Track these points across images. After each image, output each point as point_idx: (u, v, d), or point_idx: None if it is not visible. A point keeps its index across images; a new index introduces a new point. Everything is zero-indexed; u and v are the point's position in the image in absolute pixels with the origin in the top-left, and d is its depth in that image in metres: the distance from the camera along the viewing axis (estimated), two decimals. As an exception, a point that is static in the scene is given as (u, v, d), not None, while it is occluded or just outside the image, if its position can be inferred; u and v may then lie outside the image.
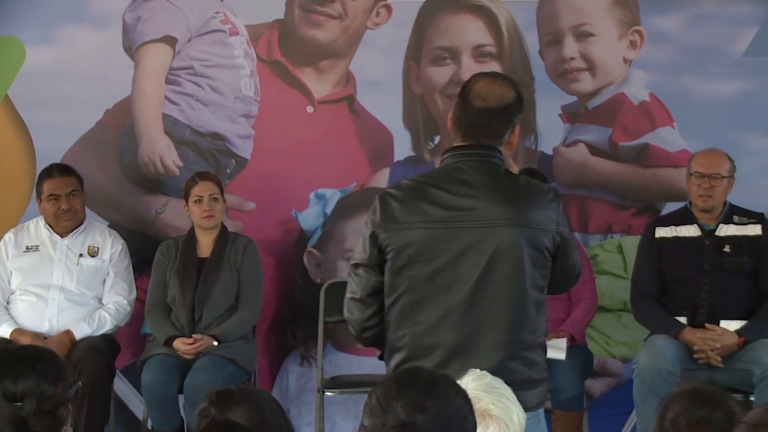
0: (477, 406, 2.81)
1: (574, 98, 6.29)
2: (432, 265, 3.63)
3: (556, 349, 5.69)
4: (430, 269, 3.63)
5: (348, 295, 3.77)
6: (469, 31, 6.31)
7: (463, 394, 2.47)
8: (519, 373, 3.60)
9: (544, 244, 3.65)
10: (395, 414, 2.35)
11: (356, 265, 3.74)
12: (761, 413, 2.53)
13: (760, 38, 6.08)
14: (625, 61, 6.23)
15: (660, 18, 6.22)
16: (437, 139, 6.38)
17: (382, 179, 6.38)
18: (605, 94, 6.25)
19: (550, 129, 6.31)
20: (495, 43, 6.30)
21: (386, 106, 6.35)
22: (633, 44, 6.22)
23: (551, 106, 6.29)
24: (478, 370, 3.02)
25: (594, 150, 6.29)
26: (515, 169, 3.94)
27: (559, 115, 6.30)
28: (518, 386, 3.25)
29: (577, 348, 5.78)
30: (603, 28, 6.23)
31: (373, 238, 3.68)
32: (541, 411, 3.72)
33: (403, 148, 6.39)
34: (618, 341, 6.30)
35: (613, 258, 6.29)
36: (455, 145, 3.73)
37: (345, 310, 3.79)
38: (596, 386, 6.29)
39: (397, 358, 3.68)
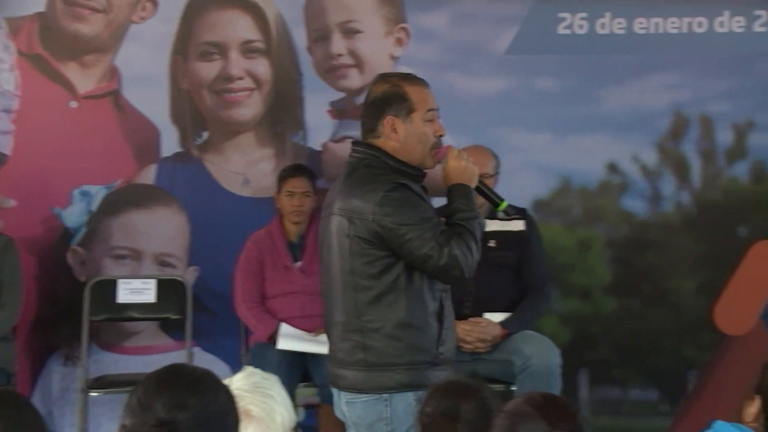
0: (239, 404, 2.81)
1: (342, 94, 6.32)
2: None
3: (324, 344, 5.68)
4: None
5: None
6: (237, 27, 6.28)
7: (226, 391, 2.44)
8: (348, 353, 3.90)
9: (361, 233, 3.84)
10: (155, 412, 2.31)
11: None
12: (520, 403, 2.58)
13: (520, 37, 6.23)
14: (392, 58, 6.29)
15: (425, 16, 6.31)
16: (205, 134, 6.34)
17: (148, 175, 6.30)
18: (372, 91, 6.30)
19: (318, 125, 6.33)
20: (263, 38, 6.29)
21: (153, 102, 6.27)
22: (399, 41, 6.29)
23: (319, 102, 6.31)
24: (250, 367, 3.00)
25: (362, 146, 6.33)
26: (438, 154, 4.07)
27: (328, 111, 6.33)
28: (345, 366, 3.88)
29: (346, 342, 5.81)
30: (370, 25, 6.28)
31: None
32: (391, 395, 3.86)
33: (170, 143, 6.31)
34: (386, 335, 6.37)
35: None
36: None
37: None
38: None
39: None
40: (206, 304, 6.29)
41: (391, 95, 3.94)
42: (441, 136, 4.05)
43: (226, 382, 2.77)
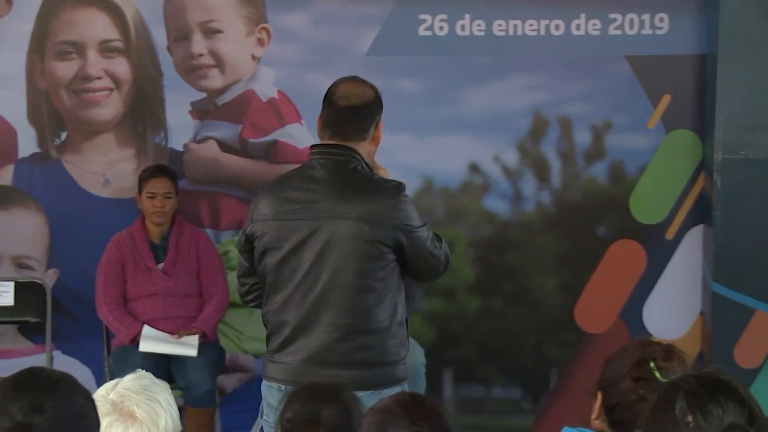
0: (122, 405, 2.79)
1: (203, 94, 6.28)
2: (280, 253, 4.08)
3: (188, 346, 5.68)
4: (279, 256, 4.08)
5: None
6: (95, 26, 6.20)
7: (85, 393, 2.42)
8: (351, 354, 4.05)
9: (378, 238, 4.02)
10: (12, 416, 2.28)
11: (239, 251, 4.24)
12: (389, 402, 2.62)
13: (381, 38, 6.26)
14: (253, 58, 6.27)
15: (286, 16, 6.30)
16: (63, 135, 6.25)
17: (5, 176, 6.20)
18: (234, 91, 6.27)
19: (179, 125, 6.28)
20: (122, 38, 6.22)
21: (9, 102, 6.16)
22: (260, 41, 6.27)
23: (181, 102, 6.26)
24: (142, 370, 2.97)
25: (224, 146, 6.30)
26: (378, 167, 4.26)
27: (189, 111, 6.28)
28: (342, 366, 4.01)
29: (209, 344, 5.79)
30: (230, 25, 6.25)
31: (245, 228, 4.18)
32: (386, 390, 3.96)
33: (27, 144, 6.22)
34: (250, 336, 6.35)
35: (244, 254, 6.33)
36: (315, 143, 4.18)
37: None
38: (228, 382, 6.31)
39: (266, 333, 4.25)
40: (67, 307, 6.21)
41: (379, 100, 4.18)
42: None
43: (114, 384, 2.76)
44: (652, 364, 2.97)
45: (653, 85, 6.31)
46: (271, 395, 4.19)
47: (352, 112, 4.11)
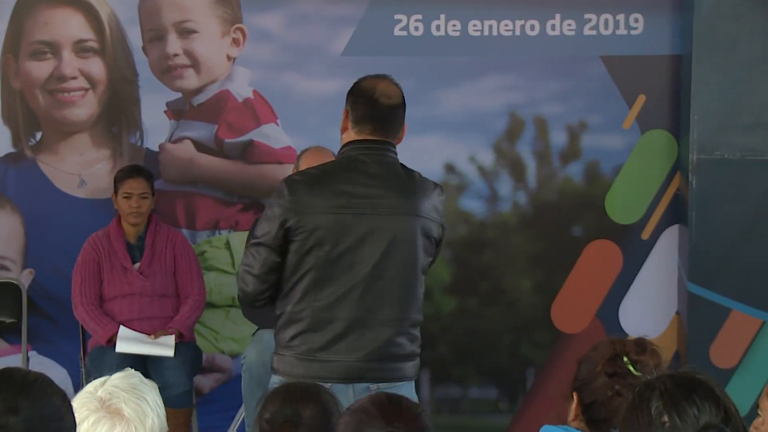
0: (110, 402, 2.78)
1: (179, 95, 6.27)
2: (337, 248, 4.02)
3: (164, 346, 5.67)
4: (336, 251, 4.02)
5: (244, 268, 4.11)
6: (70, 26, 6.18)
7: (60, 394, 2.40)
8: (404, 347, 4.08)
9: (432, 233, 4.12)
10: (-15, 417, 2.26)
11: (257, 244, 4.06)
12: (365, 402, 2.61)
13: (357, 38, 6.26)
14: (229, 58, 6.26)
15: (261, 16, 6.29)
16: (39, 135, 6.23)
17: (-20, 176, 6.19)
18: (210, 91, 6.26)
19: (155, 125, 6.27)
20: (97, 38, 6.20)
21: (-17, 102, 6.15)
22: (236, 42, 6.26)
23: (156, 102, 6.25)
24: (131, 368, 2.96)
25: (200, 146, 6.29)
26: None
27: (165, 111, 6.27)
28: (402, 359, 4.06)
29: (185, 344, 5.78)
30: (205, 25, 6.24)
31: (282, 221, 4.02)
32: (414, 380, 4.16)
33: (2, 144, 6.20)
34: (227, 336, 6.34)
35: (220, 254, 6.32)
36: (357, 139, 4.10)
37: (239, 280, 4.14)
38: (205, 382, 6.30)
39: (295, 329, 4.07)
40: (42, 307, 6.19)
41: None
42: None
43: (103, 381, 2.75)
44: (626, 359, 2.98)
45: (628, 86, 6.33)
46: None
47: (396, 111, 4.15)
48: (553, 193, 6.44)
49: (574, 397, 3.03)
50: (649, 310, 6.39)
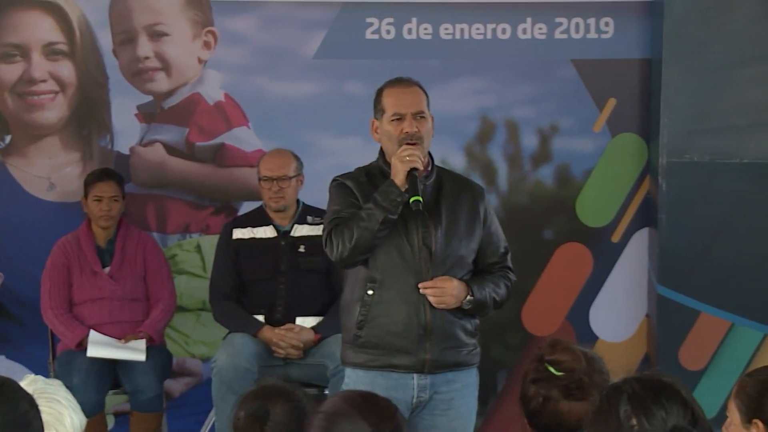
0: None
1: (149, 98, 6.25)
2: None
3: (136, 351, 5.65)
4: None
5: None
6: (39, 28, 6.16)
7: (28, 399, 2.40)
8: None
9: None
10: (-47, 421, 2.26)
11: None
12: (336, 401, 2.60)
13: (328, 41, 6.25)
14: (200, 61, 6.25)
15: (233, 19, 6.28)
16: (8, 138, 6.20)
17: (-51, 180, 6.16)
18: (181, 94, 6.25)
19: (126, 128, 6.25)
20: (67, 40, 6.18)
21: (-48, 105, 6.12)
22: (207, 45, 6.25)
23: (127, 105, 6.23)
24: (32, 375, 2.95)
25: (171, 150, 6.28)
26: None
27: (135, 114, 6.25)
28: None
29: (156, 348, 5.76)
30: (176, 28, 6.22)
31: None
32: None
33: (-29, 147, 6.19)
34: (197, 340, 6.33)
35: (191, 257, 6.31)
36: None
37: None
38: (176, 386, 6.28)
39: None
40: (11, 311, 6.16)
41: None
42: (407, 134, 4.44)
43: None
44: (546, 362, 2.99)
45: (599, 89, 6.35)
46: None
47: None
48: (524, 196, 6.46)
49: (521, 409, 3.05)
50: (618, 312, 6.42)
